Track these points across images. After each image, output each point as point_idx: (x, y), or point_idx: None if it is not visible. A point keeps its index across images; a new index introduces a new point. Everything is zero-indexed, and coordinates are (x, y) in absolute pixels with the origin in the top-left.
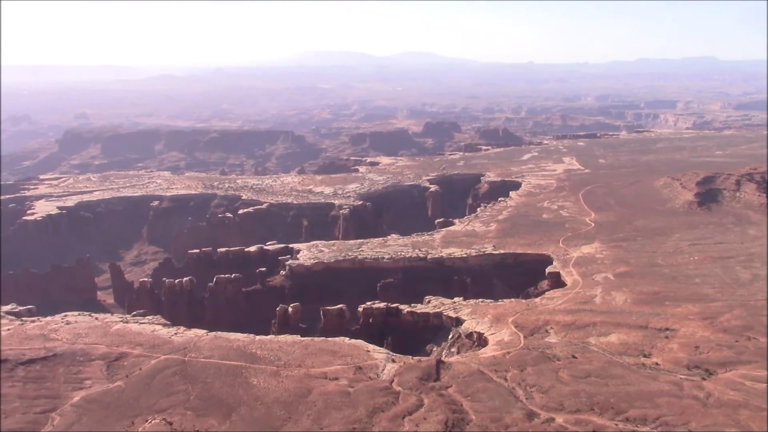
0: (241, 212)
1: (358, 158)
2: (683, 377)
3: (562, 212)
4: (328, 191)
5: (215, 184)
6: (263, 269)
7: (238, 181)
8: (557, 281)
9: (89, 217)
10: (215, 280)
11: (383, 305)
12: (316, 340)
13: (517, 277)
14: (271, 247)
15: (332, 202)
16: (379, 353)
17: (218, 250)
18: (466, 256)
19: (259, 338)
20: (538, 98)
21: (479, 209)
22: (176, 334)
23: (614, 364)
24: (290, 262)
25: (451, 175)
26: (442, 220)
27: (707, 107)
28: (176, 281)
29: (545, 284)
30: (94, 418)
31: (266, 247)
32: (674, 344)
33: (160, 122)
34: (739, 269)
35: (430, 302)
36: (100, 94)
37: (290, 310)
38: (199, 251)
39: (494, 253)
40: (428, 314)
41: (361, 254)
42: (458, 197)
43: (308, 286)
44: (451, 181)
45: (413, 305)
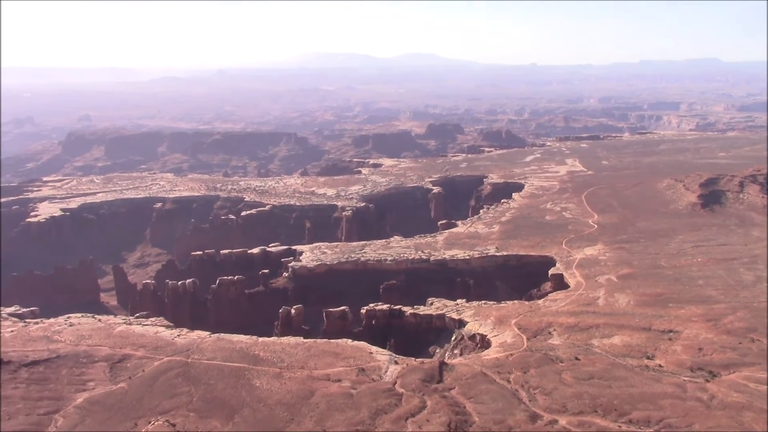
0: (243, 214)
1: (360, 160)
2: (686, 379)
3: (565, 214)
4: (330, 193)
5: (218, 186)
6: (266, 271)
7: (241, 182)
8: (560, 283)
9: (92, 219)
10: (218, 281)
11: (386, 307)
12: (318, 341)
13: (520, 279)
14: (273, 248)
15: (335, 203)
16: (381, 355)
17: (221, 251)
18: (468, 257)
19: (261, 340)
20: (540, 100)
21: (482, 211)
22: (179, 335)
23: (617, 366)
24: (293, 263)
25: (453, 176)
26: (444, 221)
27: (710, 109)
28: (179, 283)
29: (548, 286)
30: (97, 419)
31: (269, 248)
32: (677, 346)
33: (162, 124)
34: (742, 271)
35: (432, 304)
36: (102, 96)
37: (293, 311)
38: (202, 253)
39: (497, 254)
40: (431, 316)
41: (363, 256)
42: (461, 199)
43: (311, 287)
44: (453, 182)
45: (416, 307)
